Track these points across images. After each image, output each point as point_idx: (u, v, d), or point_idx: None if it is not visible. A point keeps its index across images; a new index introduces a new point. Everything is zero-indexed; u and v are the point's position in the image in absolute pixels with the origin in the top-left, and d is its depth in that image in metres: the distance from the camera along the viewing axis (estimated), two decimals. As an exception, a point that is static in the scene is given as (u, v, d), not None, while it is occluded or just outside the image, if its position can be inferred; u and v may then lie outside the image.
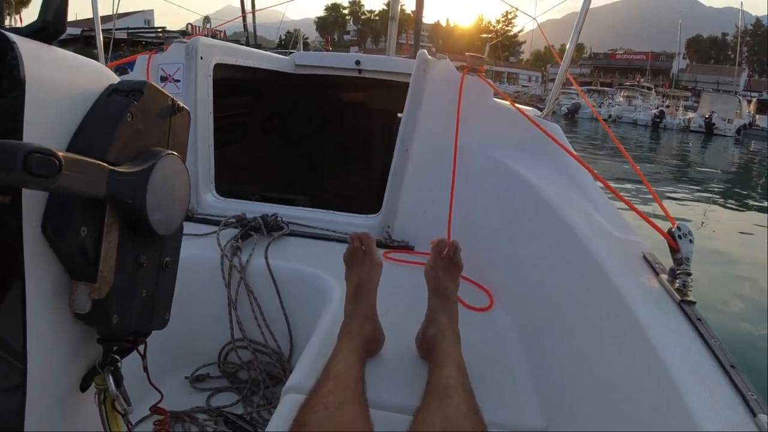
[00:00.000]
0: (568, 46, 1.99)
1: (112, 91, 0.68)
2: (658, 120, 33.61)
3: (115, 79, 0.71)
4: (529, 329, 1.40)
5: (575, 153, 1.80)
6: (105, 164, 0.58)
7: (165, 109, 0.73)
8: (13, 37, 0.57)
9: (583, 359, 1.06)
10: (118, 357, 0.72)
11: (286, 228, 1.96)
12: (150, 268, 0.73)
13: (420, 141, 2.06)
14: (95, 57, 2.41)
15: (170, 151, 0.70)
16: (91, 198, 0.59)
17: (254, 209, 2.06)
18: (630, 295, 0.95)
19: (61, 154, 0.48)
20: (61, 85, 0.62)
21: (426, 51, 2.16)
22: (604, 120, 33.01)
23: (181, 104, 0.76)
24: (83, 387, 0.71)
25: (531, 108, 2.47)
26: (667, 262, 1.06)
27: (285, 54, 3.55)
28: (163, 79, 2.18)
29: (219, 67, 2.32)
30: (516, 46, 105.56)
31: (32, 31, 0.61)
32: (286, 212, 2.09)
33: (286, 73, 3.29)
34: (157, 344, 0.85)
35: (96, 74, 0.69)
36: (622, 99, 41.89)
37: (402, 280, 1.63)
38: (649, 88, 47.67)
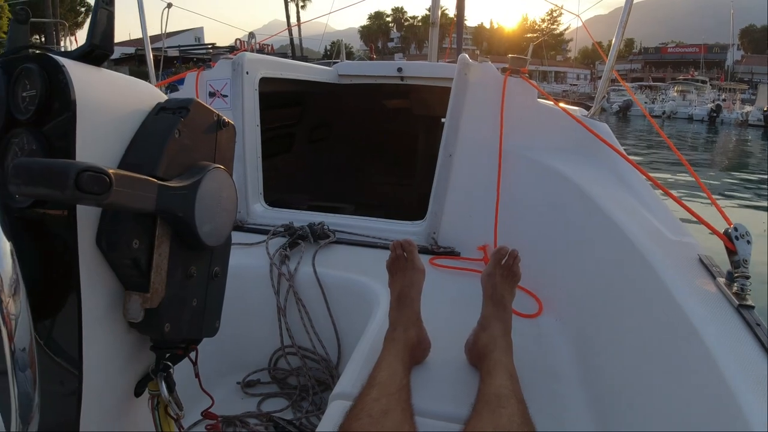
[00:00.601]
0: (613, 42, 1.93)
1: (159, 109, 0.71)
2: (715, 114, 32.19)
3: (163, 97, 0.74)
4: (580, 336, 1.36)
5: (624, 153, 1.74)
6: (154, 179, 0.60)
7: (211, 124, 0.75)
8: (62, 60, 0.60)
9: (637, 367, 1.02)
10: (170, 363, 0.74)
11: (333, 236, 1.99)
12: (200, 278, 0.75)
13: (464, 146, 2.04)
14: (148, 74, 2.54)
15: (217, 165, 0.72)
16: (142, 212, 0.62)
17: (301, 218, 2.10)
18: (685, 300, 0.92)
19: (111, 171, 0.50)
20: (110, 105, 0.65)
21: (467, 54, 2.15)
22: (659, 116, 31.92)
23: (227, 119, 0.78)
24: (137, 392, 0.74)
25: (578, 107, 2.42)
26: (725, 264, 1.01)
27: (328, 65, 3.61)
28: (212, 94, 2.26)
29: (265, 81, 2.37)
30: (563, 44, 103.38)
31: (81, 54, 0.64)
32: (332, 220, 2.11)
33: (330, 83, 3.33)
34: (210, 351, 0.87)
35: (144, 93, 0.72)
36: (675, 94, 40.38)
37: (449, 287, 1.62)
38: (703, 82, 45.72)
